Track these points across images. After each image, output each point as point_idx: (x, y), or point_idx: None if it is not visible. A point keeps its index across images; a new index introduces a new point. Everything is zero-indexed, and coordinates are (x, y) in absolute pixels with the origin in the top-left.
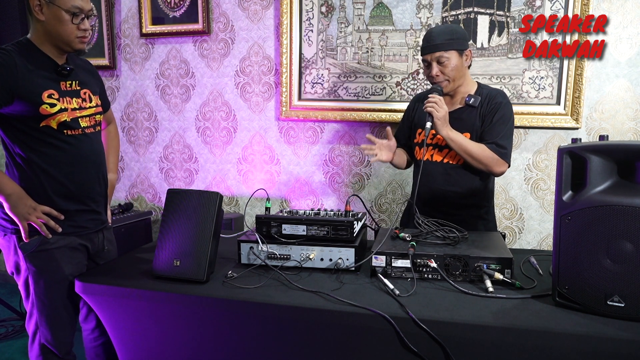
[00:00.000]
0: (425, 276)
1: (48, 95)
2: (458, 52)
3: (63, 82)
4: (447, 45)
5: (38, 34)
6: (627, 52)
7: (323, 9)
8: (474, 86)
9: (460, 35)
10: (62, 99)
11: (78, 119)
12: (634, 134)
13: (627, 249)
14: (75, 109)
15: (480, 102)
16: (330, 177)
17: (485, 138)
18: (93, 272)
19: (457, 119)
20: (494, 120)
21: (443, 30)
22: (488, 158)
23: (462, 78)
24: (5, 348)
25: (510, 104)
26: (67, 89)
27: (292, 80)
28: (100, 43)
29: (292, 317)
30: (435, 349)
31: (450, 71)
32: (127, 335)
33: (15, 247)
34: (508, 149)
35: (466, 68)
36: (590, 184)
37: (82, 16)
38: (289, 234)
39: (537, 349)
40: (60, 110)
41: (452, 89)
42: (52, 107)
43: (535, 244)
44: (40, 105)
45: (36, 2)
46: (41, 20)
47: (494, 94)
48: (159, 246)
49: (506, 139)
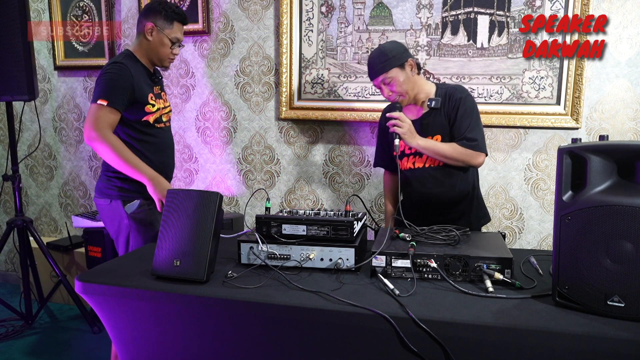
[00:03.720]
0: (425, 276)
1: (151, 97)
2: (399, 67)
3: (155, 87)
4: (385, 67)
5: (141, 49)
6: (627, 52)
7: (323, 9)
8: (432, 88)
9: (395, 52)
10: (157, 100)
11: (162, 115)
12: (634, 134)
13: (627, 249)
14: (161, 107)
15: (442, 102)
16: (330, 177)
17: (455, 135)
18: (93, 272)
19: (425, 125)
20: (458, 116)
21: (377, 55)
22: (462, 154)
23: (415, 87)
24: (5, 348)
25: (470, 96)
26: (156, 93)
27: (292, 80)
28: (100, 43)
29: (292, 317)
30: (435, 349)
31: (399, 87)
32: (127, 335)
33: (121, 209)
34: (479, 139)
35: (416, 76)
36: (590, 184)
37: (177, 44)
38: (289, 234)
39: (537, 349)
40: (157, 109)
41: (411, 99)
42: (153, 107)
43: (535, 244)
44: (146, 105)
45: (149, 27)
46: (148, 40)
47: (451, 90)
48: (159, 246)
49: (473, 130)
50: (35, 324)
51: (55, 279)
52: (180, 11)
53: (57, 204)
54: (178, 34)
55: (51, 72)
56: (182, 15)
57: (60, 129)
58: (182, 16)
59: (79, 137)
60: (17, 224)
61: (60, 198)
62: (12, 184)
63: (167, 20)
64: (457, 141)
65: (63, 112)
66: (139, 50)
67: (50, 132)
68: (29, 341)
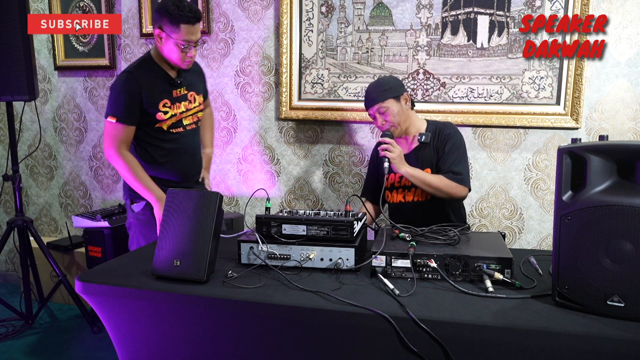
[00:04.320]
0: (425, 276)
1: (163, 105)
2: (395, 99)
3: (175, 90)
4: (382, 96)
5: (157, 54)
6: (627, 52)
7: (323, 9)
8: (423, 124)
9: (392, 85)
10: (173, 106)
11: (182, 119)
12: (634, 134)
13: (627, 249)
14: (183, 112)
15: (431, 137)
16: (330, 177)
17: (442, 168)
18: (93, 272)
19: (415, 159)
20: (446, 150)
21: (376, 85)
22: (447, 186)
23: (407, 120)
24: (5, 348)
25: (458, 132)
26: (177, 96)
27: (292, 80)
28: (100, 43)
29: (292, 317)
30: (435, 349)
31: (392, 117)
32: (127, 335)
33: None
34: (464, 174)
35: (409, 110)
36: (590, 184)
37: (190, 47)
38: (289, 234)
39: (537, 349)
40: (171, 116)
41: (402, 132)
42: (166, 114)
43: (535, 244)
44: (157, 113)
45: (157, 34)
46: (160, 46)
47: (441, 127)
48: (159, 246)
49: (459, 164)
50: (35, 324)
51: (55, 278)
52: (185, 12)
53: (57, 204)
54: (187, 36)
55: (51, 72)
56: (187, 16)
57: (60, 129)
58: (188, 17)
59: (79, 137)
60: (17, 223)
61: (61, 198)
62: (12, 184)
63: (173, 23)
64: (443, 173)
65: (63, 112)
66: (157, 55)
67: (50, 132)
68: (29, 341)
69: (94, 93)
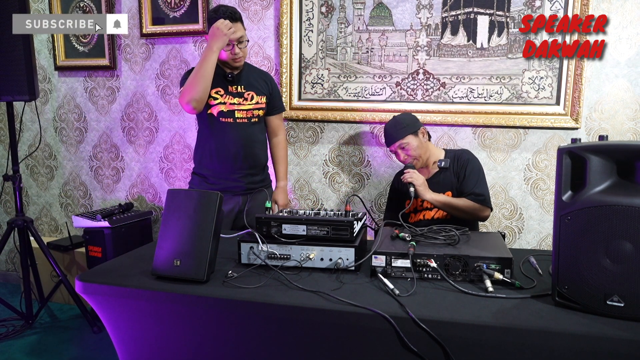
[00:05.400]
0: (425, 276)
1: (215, 92)
2: (413, 134)
3: (231, 86)
4: (402, 134)
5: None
6: (626, 52)
7: (323, 9)
8: (441, 153)
9: (409, 122)
10: (225, 96)
11: (234, 111)
12: (634, 134)
13: (627, 248)
14: (234, 104)
15: (450, 163)
16: (330, 177)
17: (464, 191)
18: (93, 272)
19: (436, 182)
20: (467, 174)
21: (394, 124)
22: (471, 207)
23: (427, 152)
24: (5, 348)
25: (475, 158)
26: (232, 91)
27: (292, 81)
28: (100, 43)
29: (292, 317)
30: (435, 349)
31: (413, 151)
32: (127, 335)
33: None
34: (486, 195)
35: (427, 142)
36: (590, 184)
37: (232, 45)
38: (289, 234)
39: (537, 348)
40: (219, 103)
41: (423, 163)
42: (215, 100)
43: (535, 244)
44: (209, 99)
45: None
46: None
47: (459, 153)
48: (159, 246)
49: (481, 186)
50: (35, 324)
51: (55, 278)
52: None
53: (57, 204)
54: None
55: (51, 72)
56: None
57: (60, 129)
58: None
59: (79, 137)
60: (17, 223)
61: (61, 198)
62: (12, 184)
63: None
64: (466, 196)
65: (63, 112)
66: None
67: (50, 132)
68: (29, 341)
69: (94, 93)
